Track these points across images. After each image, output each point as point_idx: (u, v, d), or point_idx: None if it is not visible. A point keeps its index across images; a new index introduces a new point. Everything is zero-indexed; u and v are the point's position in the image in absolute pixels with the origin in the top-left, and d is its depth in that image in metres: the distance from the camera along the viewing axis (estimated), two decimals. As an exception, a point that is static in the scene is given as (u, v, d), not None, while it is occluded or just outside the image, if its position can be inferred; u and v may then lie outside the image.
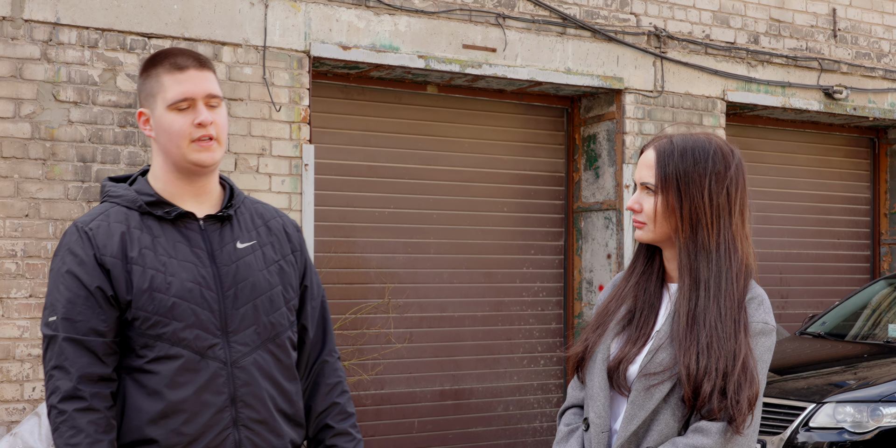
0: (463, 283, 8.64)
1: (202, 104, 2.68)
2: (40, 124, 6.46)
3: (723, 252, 2.61)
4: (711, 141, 2.67)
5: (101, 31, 6.66)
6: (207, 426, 2.62)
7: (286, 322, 2.77)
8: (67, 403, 2.55)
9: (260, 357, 2.70)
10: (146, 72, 2.72)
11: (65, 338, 2.58)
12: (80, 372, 2.56)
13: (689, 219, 2.61)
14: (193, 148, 2.68)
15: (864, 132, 11.00)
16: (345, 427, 2.87)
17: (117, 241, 2.63)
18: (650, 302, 2.71)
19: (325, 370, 2.89)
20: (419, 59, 7.75)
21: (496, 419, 8.79)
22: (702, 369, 2.52)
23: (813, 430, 6.60)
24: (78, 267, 2.61)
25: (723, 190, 2.62)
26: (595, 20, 8.55)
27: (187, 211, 2.71)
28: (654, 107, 8.84)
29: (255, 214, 2.85)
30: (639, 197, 2.69)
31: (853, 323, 8.38)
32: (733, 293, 2.59)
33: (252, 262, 2.74)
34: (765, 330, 2.62)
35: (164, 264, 2.64)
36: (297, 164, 7.27)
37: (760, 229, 10.24)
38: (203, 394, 2.62)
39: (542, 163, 9.05)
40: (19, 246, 6.37)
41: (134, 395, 2.61)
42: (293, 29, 7.28)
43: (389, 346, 8.20)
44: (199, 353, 2.62)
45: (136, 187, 2.74)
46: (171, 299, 2.61)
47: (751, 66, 9.41)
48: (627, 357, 2.65)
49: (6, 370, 6.32)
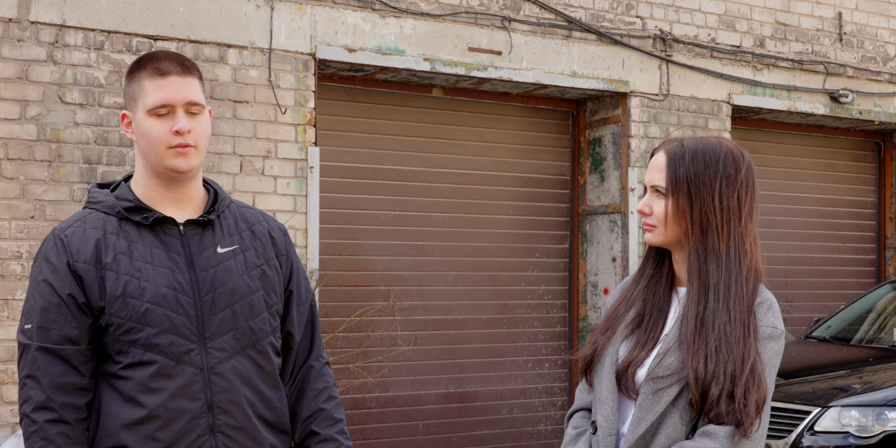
0: (468, 286, 8.63)
1: (181, 111, 2.64)
2: (46, 126, 6.47)
3: (732, 256, 2.61)
4: (722, 144, 2.66)
5: (107, 33, 6.67)
6: (182, 432, 2.59)
7: (268, 327, 2.73)
8: (39, 413, 2.54)
9: (238, 363, 2.67)
10: (131, 75, 2.69)
11: (38, 347, 2.56)
12: (51, 382, 2.55)
13: (699, 222, 2.61)
14: (170, 153, 2.64)
15: (869, 136, 10.99)
16: (331, 433, 2.81)
17: (91, 247, 2.61)
18: (659, 305, 2.71)
19: (310, 375, 2.84)
20: (425, 61, 7.75)
21: (501, 422, 8.78)
22: (710, 373, 2.51)
23: (818, 434, 6.59)
24: (51, 274, 2.60)
25: (734, 193, 2.62)
26: (601, 23, 8.54)
27: (166, 216, 2.69)
28: (659, 110, 8.84)
29: (240, 219, 2.81)
30: (649, 200, 2.69)
31: (858, 327, 8.37)
32: (742, 297, 2.59)
33: (232, 267, 2.71)
34: (773, 334, 2.62)
35: (139, 270, 2.61)
36: (303, 166, 7.27)
37: (766, 233, 10.23)
38: (178, 399, 2.59)
39: (548, 166, 9.05)
40: (25, 247, 6.38)
41: (109, 400, 2.60)
42: (299, 31, 7.28)
43: (394, 349, 8.19)
44: (175, 358, 2.60)
45: (117, 193, 2.71)
46: (144, 305, 2.59)
47: (756, 69, 9.41)
48: (636, 360, 2.65)
49: (11, 372, 6.32)
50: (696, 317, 2.58)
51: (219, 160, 6.97)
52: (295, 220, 7.19)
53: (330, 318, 7.86)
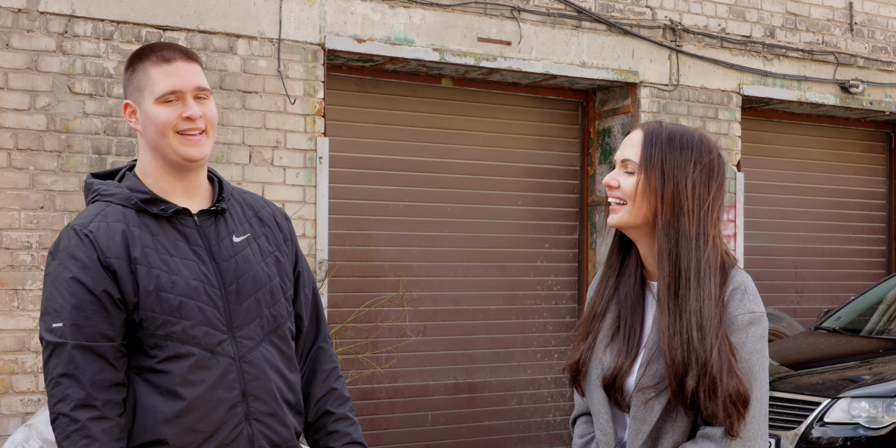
0: (477, 277, 8.63)
1: (191, 97, 2.65)
2: (56, 116, 6.47)
3: (702, 243, 2.54)
4: (698, 131, 2.62)
5: (117, 23, 6.66)
6: (221, 422, 2.61)
7: (285, 313, 2.77)
8: (80, 412, 2.52)
9: (265, 350, 2.70)
10: (133, 65, 2.69)
11: (74, 345, 2.54)
12: (91, 379, 2.54)
13: (670, 202, 2.54)
14: (181, 141, 2.64)
15: (880, 126, 10.95)
16: (344, 411, 2.88)
17: (119, 241, 2.60)
18: (633, 308, 2.64)
19: (321, 357, 2.89)
20: (434, 52, 7.74)
21: (510, 413, 8.79)
22: (685, 361, 2.46)
23: (828, 425, 6.58)
24: (81, 271, 2.57)
25: (706, 181, 2.56)
26: (610, 13, 8.52)
27: (183, 207, 2.68)
28: (669, 100, 8.82)
29: (246, 206, 2.82)
30: (617, 174, 2.61)
31: (868, 318, 8.35)
32: (711, 289, 2.52)
33: (250, 256, 2.73)
34: (753, 319, 2.54)
35: (166, 263, 2.61)
36: (312, 156, 7.27)
37: (776, 224, 10.21)
38: (216, 390, 2.61)
39: (557, 156, 9.04)
40: (34, 238, 6.39)
41: (146, 395, 2.60)
42: (308, 21, 7.28)
43: (403, 340, 8.20)
44: (209, 349, 2.61)
45: (128, 184, 2.70)
46: (177, 298, 2.59)
47: (767, 59, 9.38)
48: (622, 371, 2.59)
49: (21, 361, 6.34)
50: (669, 304, 2.52)
51: (228, 150, 6.97)
52: (304, 210, 7.19)
53: (339, 309, 7.87)
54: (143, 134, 2.68)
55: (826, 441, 6.55)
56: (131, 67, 2.69)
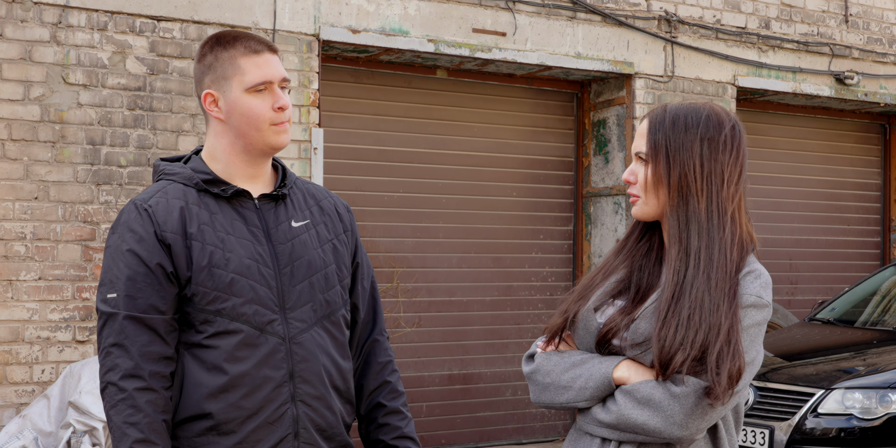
0: (472, 268, 8.63)
1: (278, 87, 2.73)
2: (50, 107, 6.46)
3: (715, 222, 2.49)
4: (706, 106, 2.57)
5: (111, 13, 6.65)
6: (266, 401, 2.64)
7: (340, 300, 2.79)
8: (128, 381, 2.57)
9: (316, 334, 2.72)
10: (214, 54, 2.73)
11: (125, 315, 2.59)
12: (140, 350, 2.58)
13: (677, 186, 2.50)
14: (273, 130, 2.71)
15: (875, 118, 10.96)
16: (396, 405, 2.90)
17: (177, 217, 2.65)
18: (649, 281, 2.59)
19: (376, 349, 2.92)
20: (429, 43, 7.73)
21: (504, 404, 8.80)
22: (678, 341, 2.40)
23: (821, 416, 6.60)
24: (137, 244, 2.62)
25: (716, 156, 2.51)
26: (605, 4, 8.51)
27: (243, 189, 2.74)
28: (664, 92, 8.82)
29: (308, 194, 2.87)
30: (634, 167, 2.59)
31: (862, 309, 8.37)
32: (725, 264, 2.46)
33: (307, 241, 2.77)
34: (757, 303, 2.47)
35: (222, 241, 2.66)
36: (307, 147, 7.26)
37: (770, 215, 10.22)
38: (263, 368, 2.64)
39: (552, 147, 9.04)
40: (28, 228, 6.38)
41: (193, 370, 2.63)
42: (302, 12, 7.26)
43: (398, 331, 8.20)
44: (259, 328, 2.65)
45: (192, 165, 2.76)
46: (229, 275, 2.63)
47: (762, 51, 9.38)
48: (616, 327, 2.53)
49: (15, 352, 6.33)
50: (675, 284, 2.47)
51: (222, 141, 6.96)
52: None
53: (334, 300, 7.86)
54: (225, 122, 2.73)
55: (820, 432, 6.57)
56: (213, 55, 2.73)
